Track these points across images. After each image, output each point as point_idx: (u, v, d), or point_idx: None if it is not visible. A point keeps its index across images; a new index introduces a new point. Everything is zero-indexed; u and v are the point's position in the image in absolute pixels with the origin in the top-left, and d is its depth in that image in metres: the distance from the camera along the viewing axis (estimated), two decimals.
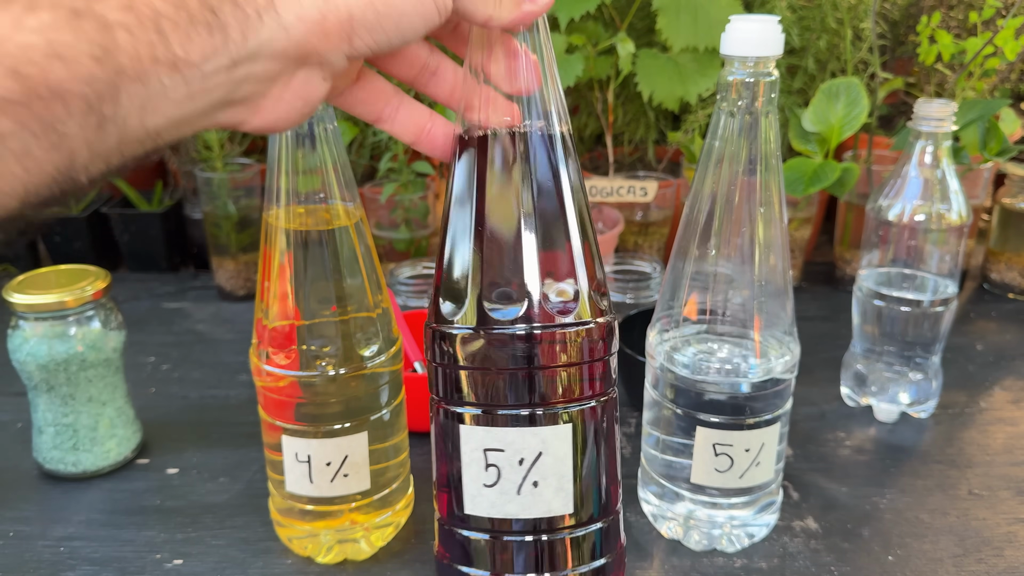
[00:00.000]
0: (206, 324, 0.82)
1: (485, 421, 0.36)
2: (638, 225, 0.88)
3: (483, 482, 0.37)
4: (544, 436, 0.36)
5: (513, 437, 0.36)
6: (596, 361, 0.37)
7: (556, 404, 0.36)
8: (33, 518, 0.55)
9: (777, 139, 0.45)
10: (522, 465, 0.36)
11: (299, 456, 0.47)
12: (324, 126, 0.44)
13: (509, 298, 0.35)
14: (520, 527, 0.37)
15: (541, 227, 0.35)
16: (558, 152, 0.36)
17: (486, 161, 0.36)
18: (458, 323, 0.36)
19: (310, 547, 0.50)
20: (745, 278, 0.47)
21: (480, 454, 0.36)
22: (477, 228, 0.35)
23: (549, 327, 0.35)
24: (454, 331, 0.36)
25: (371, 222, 0.85)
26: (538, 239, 0.35)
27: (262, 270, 0.46)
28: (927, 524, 0.54)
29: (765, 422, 0.48)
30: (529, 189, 0.35)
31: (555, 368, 0.36)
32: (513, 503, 0.36)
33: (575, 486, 0.37)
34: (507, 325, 0.35)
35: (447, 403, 0.37)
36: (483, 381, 0.36)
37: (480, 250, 0.35)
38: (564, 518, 0.37)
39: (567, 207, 0.36)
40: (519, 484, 0.36)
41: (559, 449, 0.36)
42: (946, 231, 0.61)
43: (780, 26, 0.43)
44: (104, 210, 0.93)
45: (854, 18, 0.86)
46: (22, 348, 0.55)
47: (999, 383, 0.71)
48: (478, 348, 0.35)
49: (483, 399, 0.36)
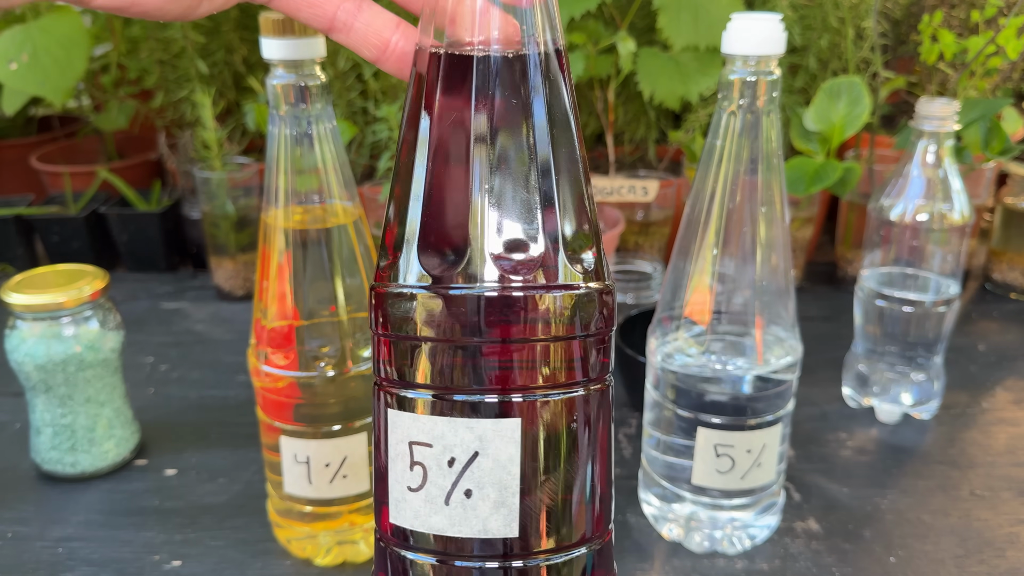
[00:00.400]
0: (205, 324, 0.82)
1: (413, 406, 0.28)
2: (639, 225, 0.87)
3: (408, 484, 0.28)
4: (482, 431, 0.27)
5: (443, 429, 0.28)
6: (566, 339, 0.28)
7: (504, 391, 0.28)
8: (31, 519, 0.54)
9: (779, 138, 0.45)
10: (452, 467, 0.28)
11: (298, 457, 0.47)
12: (323, 125, 0.43)
13: (453, 250, 0.27)
14: (443, 547, 0.28)
15: (506, 165, 0.28)
16: (541, 72, 0.28)
17: (444, 81, 0.28)
18: (391, 281, 0.28)
19: (309, 549, 0.50)
20: (747, 278, 0.47)
21: (405, 447, 0.28)
22: (427, 164, 0.28)
23: (501, 287, 0.27)
24: (385, 289, 0.29)
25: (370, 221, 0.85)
26: (501, 179, 0.27)
27: (260, 270, 0.46)
28: (929, 525, 0.53)
29: (767, 423, 0.48)
30: (489, 117, 0.27)
31: (505, 344, 0.27)
32: (439, 515, 0.28)
33: (523, 502, 0.28)
34: (445, 284, 0.27)
35: (379, 381, 0.30)
36: (411, 354, 0.28)
37: (427, 192, 0.28)
38: (511, 542, 0.28)
39: (541, 142, 0.28)
40: (448, 491, 0.28)
41: (501, 451, 0.28)
42: (948, 231, 0.61)
43: (782, 24, 0.43)
44: (102, 210, 0.92)
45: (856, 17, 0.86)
46: (20, 348, 0.55)
47: (1001, 383, 0.71)
48: (407, 312, 0.28)
49: (410, 377, 0.28)
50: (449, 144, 0.28)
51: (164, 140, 0.96)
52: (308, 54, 0.42)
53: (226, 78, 0.97)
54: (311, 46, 0.42)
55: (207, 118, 0.81)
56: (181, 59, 0.93)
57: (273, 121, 0.43)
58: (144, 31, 0.93)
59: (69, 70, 0.88)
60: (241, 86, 0.98)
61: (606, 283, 0.29)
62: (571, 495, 0.29)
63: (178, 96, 0.96)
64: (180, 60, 0.93)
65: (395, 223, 0.29)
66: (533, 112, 0.28)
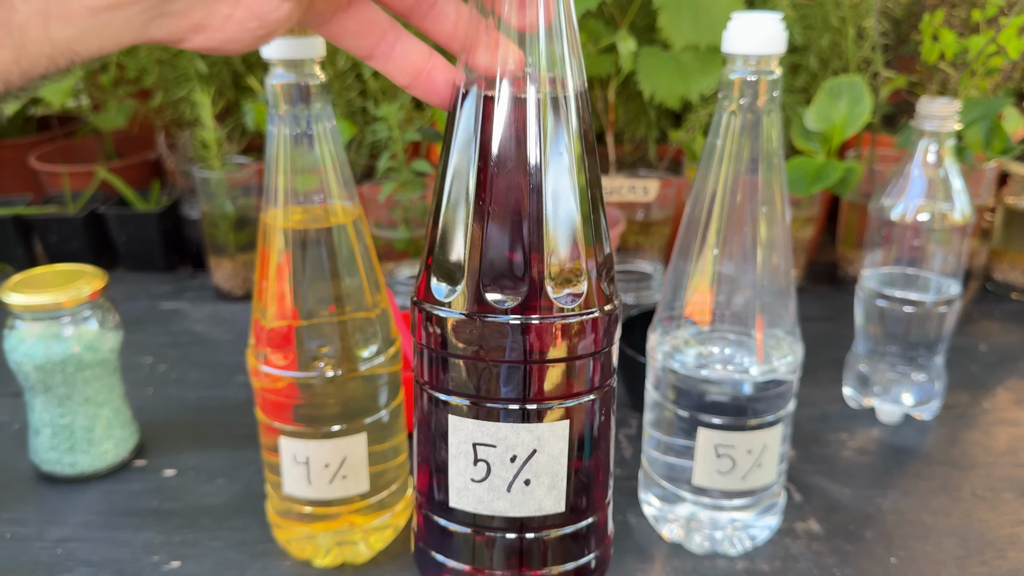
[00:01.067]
0: (203, 324, 0.82)
1: (476, 413, 0.34)
2: (639, 225, 0.87)
3: (471, 476, 0.34)
4: (540, 433, 0.34)
5: (506, 433, 0.33)
6: (599, 353, 0.34)
7: (553, 399, 0.34)
8: (30, 520, 0.54)
9: (779, 138, 0.45)
10: (514, 462, 0.34)
11: (297, 457, 0.47)
12: (322, 124, 0.43)
13: (510, 282, 0.32)
14: (504, 524, 0.35)
15: (551, 204, 0.32)
16: (574, 115, 0.32)
17: (491, 122, 0.32)
18: (451, 306, 0.33)
19: (308, 549, 0.50)
20: (747, 278, 0.46)
21: (469, 447, 0.34)
22: (478, 201, 0.32)
23: (553, 317, 0.32)
24: (444, 315, 0.33)
25: (370, 221, 0.85)
26: (547, 217, 0.32)
27: (260, 270, 0.46)
28: (930, 526, 0.53)
29: (767, 423, 0.48)
30: (540, 158, 0.31)
31: (557, 362, 0.33)
32: (502, 500, 0.35)
33: (568, 484, 0.35)
34: (507, 313, 0.32)
35: (434, 389, 0.34)
36: (476, 371, 0.33)
37: (480, 226, 0.32)
38: (553, 516, 0.35)
39: (580, 181, 0.32)
40: (510, 481, 0.34)
41: (554, 447, 0.34)
42: (949, 231, 0.61)
43: (782, 24, 0.43)
44: (101, 210, 0.92)
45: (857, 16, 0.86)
46: (18, 348, 0.54)
47: (1002, 384, 0.70)
48: (472, 336, 0.33)
49: (475, 390, 0.33)
50: (500, 183, 0.32)
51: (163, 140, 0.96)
52: (307, 53, 0.41)
53: (225, 77, 0.96)
54: (310, 45, 0.41)
55: (206, 117, 0.81)
56: (180, 58, 0.93)
57: (272, 120, 0.43)
58: None
59: None
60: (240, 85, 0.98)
61: (619, 298, 0.35)
62: (598, 473, 0.36)
63: (177, 95, 0.95)
64: (179, 59, 0.93)
65: (447, 251, 0.33)
66: (571, 152, 0.32)
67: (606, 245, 0.34)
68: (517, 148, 0.32)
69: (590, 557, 0.38)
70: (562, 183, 0.32)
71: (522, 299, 0.32)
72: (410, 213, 0.84)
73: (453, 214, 0.33)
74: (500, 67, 0.31)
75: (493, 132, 0.32)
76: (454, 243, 0.33)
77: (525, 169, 0.32)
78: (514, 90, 0.31)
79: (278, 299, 0.45)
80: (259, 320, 0.46)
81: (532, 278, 0.32)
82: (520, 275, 0.32)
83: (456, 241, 0.33)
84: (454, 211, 0.33)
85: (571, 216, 0.32)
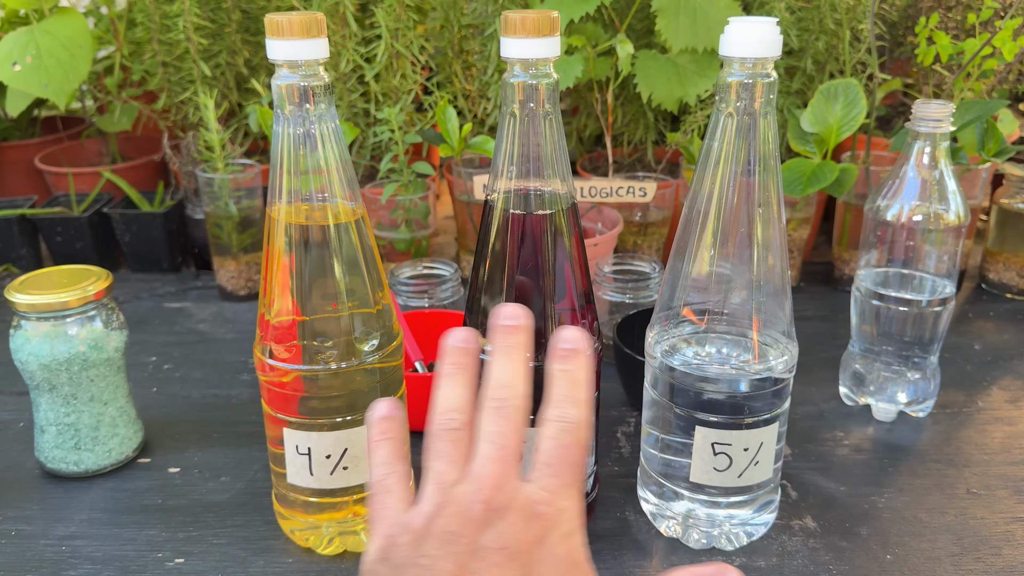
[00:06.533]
0: (208, 324, 0.83)
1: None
2: (637, 225, 0.88)
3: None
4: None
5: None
6: None
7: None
8: (35, 517, 0.55)
9: (776, 140, 0.46)
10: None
11: (299, 448, 0.48)
12: (326, 124, 0.44)
13: None
14: None
15: (561, 290, 0.47)
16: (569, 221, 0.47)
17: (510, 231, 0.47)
18: None
19: (312, 539, 0.50)
20: (744, 278, 0.47)
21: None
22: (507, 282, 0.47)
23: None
24: None
25: (372, 223, 0.86)
26: (558, 300, 0.47)
27: (265, 266, 0.46)
28: (925, 523, 0.54)
29: (764, 421, 0.48)
30: (552, 254, 0.47)
31: None
32: None
33: None
34: None
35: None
36: None
37: None
38: None
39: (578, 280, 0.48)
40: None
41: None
42: (944, 231, 0.61)
43: (778, 27, 0.43)
44: (106, 210, 0.93)
45: (852, 19, 0.86)
46: (24, 348, 0.55)
47: (997, 383, 0.71)
48: None
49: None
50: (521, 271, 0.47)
51: (167, 141, 0.97)
52: (312, 55, 0.42)
53: (229, 80, 0.97)
54: (315, 47, 0.42)
55: (210, 120, 0.82)
56: (184, 61, 0.94)
57: (278, 120, 0.44)
58: (147, 33, 0.93)
59: (73, 72, 0.89)
60: (244, 88, 0.99)
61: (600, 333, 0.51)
62: None
63: (181, 98, 0.96)
64: (183, 62, 0.94)
65: None
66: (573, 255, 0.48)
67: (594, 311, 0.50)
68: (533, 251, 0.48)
69: None
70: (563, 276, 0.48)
71: None
72: (411, 214, 0.84)
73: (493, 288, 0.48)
74: None
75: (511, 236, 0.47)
76: None
77: (543, 263, 0.47)
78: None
79: (283, 294, 0.46)
80: (264, 315, 0.47)
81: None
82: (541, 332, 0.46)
83: None
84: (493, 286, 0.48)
85: (582, 295, 0.49)
